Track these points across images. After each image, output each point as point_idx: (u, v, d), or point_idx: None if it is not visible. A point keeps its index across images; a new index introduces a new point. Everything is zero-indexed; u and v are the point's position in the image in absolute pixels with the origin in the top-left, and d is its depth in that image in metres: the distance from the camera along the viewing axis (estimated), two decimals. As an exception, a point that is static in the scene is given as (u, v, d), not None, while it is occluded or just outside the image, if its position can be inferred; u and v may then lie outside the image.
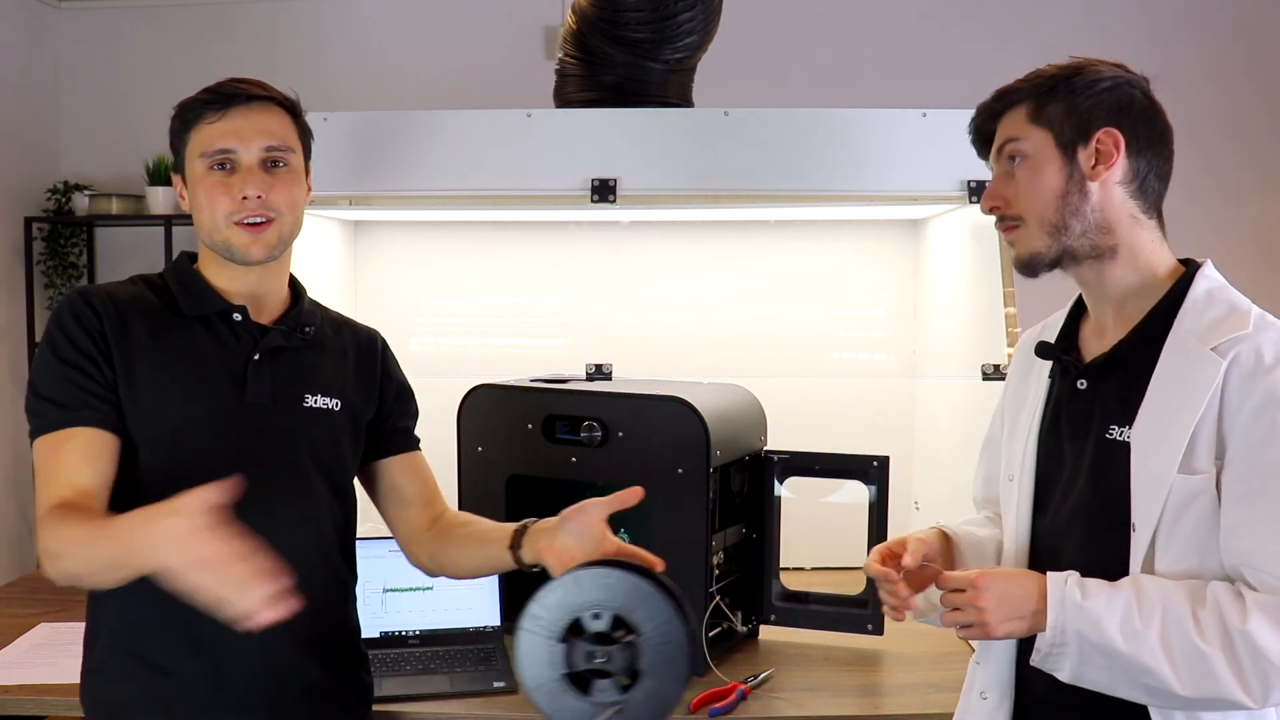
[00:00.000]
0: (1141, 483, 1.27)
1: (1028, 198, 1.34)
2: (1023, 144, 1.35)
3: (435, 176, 2.21)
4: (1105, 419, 1.33)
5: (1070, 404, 1.39)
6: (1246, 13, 4.44)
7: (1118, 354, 1.34)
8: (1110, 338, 1.37)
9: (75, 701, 1.81)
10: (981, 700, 1.45)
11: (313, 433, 1.51)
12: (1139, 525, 1.27)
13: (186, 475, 1.39)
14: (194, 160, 1.46)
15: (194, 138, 1.46)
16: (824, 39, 4.46)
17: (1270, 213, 4.46)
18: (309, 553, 1.50)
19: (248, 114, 1.46)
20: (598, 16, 2.34)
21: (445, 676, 1.94)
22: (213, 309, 1.48)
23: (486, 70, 4.43)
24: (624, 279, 2.76)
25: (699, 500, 1.97)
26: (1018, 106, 1.36)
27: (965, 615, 1.29)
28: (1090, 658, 1.24)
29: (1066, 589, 1.26)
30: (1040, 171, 1.34)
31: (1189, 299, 1.32)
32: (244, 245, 1.45)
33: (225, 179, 1.45)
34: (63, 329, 1.42)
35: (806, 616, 2.16)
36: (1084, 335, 1.43)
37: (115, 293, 1.46)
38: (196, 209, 1.47)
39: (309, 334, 1.53)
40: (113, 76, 4.64)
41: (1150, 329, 1.32)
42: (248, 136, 1.45)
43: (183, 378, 1.43)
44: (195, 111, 1.46)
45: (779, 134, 2.20)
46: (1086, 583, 1.27)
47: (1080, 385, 1.37)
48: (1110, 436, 1.32)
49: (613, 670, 1.25)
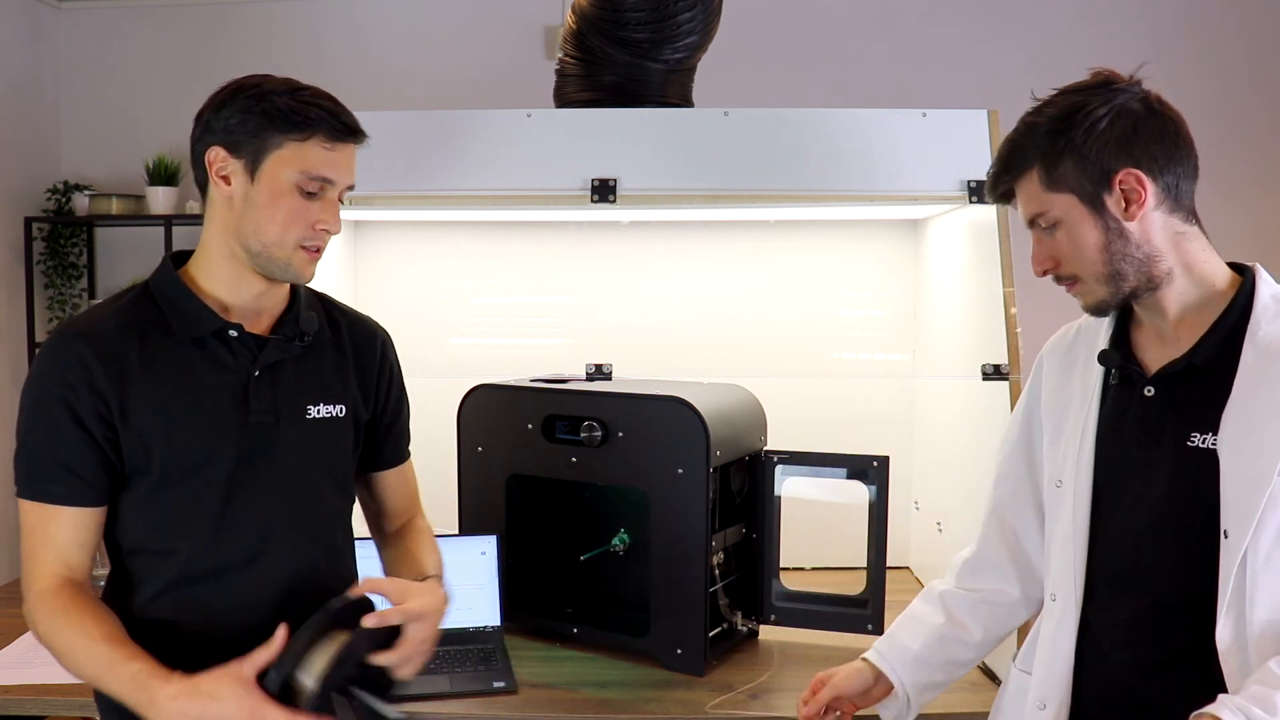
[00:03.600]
0: (1234, 489, 1.25)
1: (1074, 260, 1.34)
2: (1051, 213, 1.33)
3: (435, 176, 2.21)
4: (1184, 426, 1.31)
5: (1137, 411, 1.36)
6: (1246, 13, 4.44)
7: (1196, 362, 1.32)
8: (1175, 346, 1.34)
9: (75, 701, 1.83)
10: (1040, 711, 1.41)
11: (320, 444, 1.49)
12: (1232, 532, 1.24)
13: (195, 500, 1.41)
14: (284, 169, 1.39)
15: (295, 150, 1.38)
16: (824, 39, 4.46)
17: (1269, 211, 4.46)
18: (324, 562, 1.50)
19: (350, 151, 1.43)
20: (598, 16, 2.34)
21: (445, 676, 1.94)
22: (208, 329, 1.43)
23: (486, 70, 4.43)
24: (624, 279, 2.76)
25: (699, 500, 1.97)
26: (1028, 174, 1.34)
27: None
28: None
29: (1250, 711, 1.16)
30: (1077, 232, 1.32)
31: (1258, 305, 1.31)
32: (302, 266, 1.43)
33: (309, 204, 1.40)
34: (50, 387, 1.37)
35: (806, 616, 2.16)
36: (1140, 342, 1.40)
37: (100, 325, 1.40)
38: (262, 218, 1.39)
39: (307, 340, 1.49)
40: (113, 76, 4.64)
41: (1223, 337, 1.31)
42: (344, 174, 1.43)
43: (183, 404, 1.40)
44: (310, 126, 1.39)
45: (779, 134, 2.20)
46: (1254, 695, 1.17)
47: (1148, 392, 1.35)
48: (1193, 444, 1.30)
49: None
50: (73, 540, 1.38)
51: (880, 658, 1.56)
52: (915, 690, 1.55)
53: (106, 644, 1.31)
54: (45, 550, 1.37)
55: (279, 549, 1.44)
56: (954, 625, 1.56)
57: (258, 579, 1.43)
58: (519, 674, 1.96)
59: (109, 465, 1.39)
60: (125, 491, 1.41)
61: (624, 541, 2.16)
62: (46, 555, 1.37)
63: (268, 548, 1.44)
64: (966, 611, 1.57)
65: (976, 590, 1.58)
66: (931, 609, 1.59)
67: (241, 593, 1.42)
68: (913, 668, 1.55)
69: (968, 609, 1.57)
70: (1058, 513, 1.44)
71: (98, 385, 1.36)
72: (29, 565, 1.38)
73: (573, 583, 2.26)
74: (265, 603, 1.42)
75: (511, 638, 2.15)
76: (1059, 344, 1.52)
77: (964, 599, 1.58)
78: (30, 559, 1.38)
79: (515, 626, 2.20)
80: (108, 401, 1.37)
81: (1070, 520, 1.41)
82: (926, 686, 1.56)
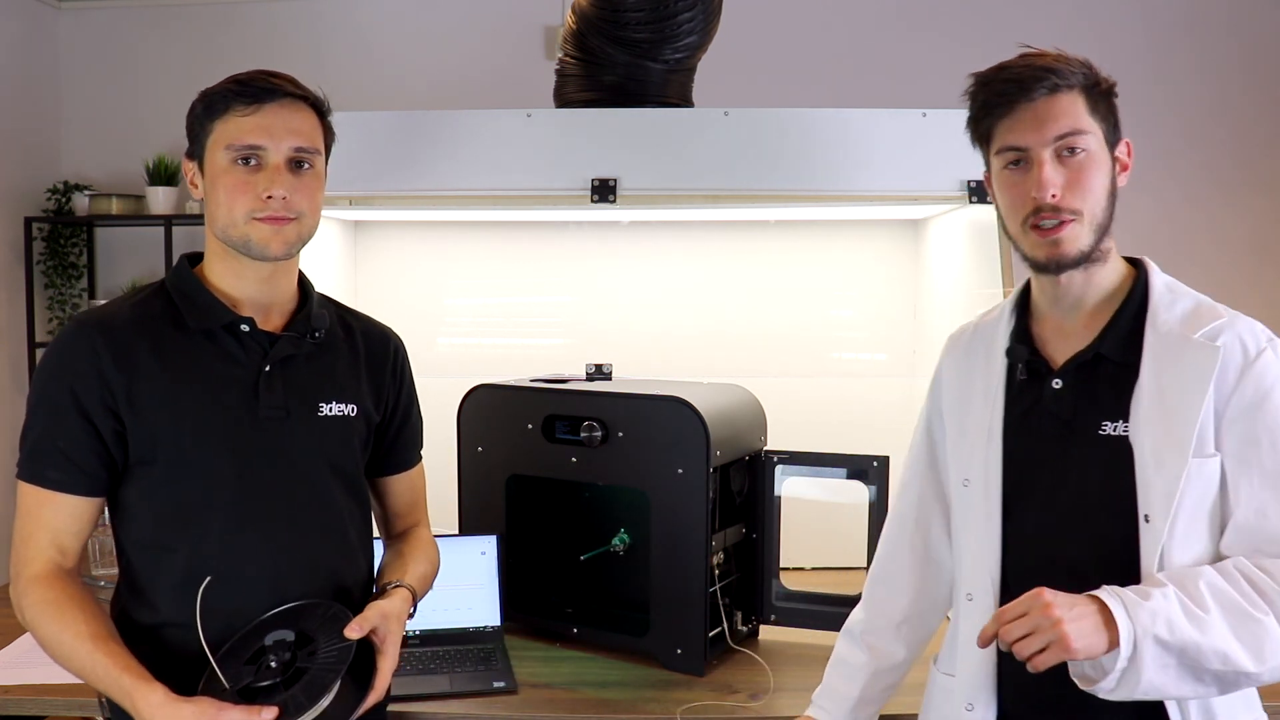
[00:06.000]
0: (1151, 473, 1.28)
1: (1090, 193, 1.31)
2: (1089, 138, 1.31)
3: (435, 176, 2.21)
4: (1095, 416, 1.34)
5: (1045, 404, 1.38)
6: (1245, 13, 4.44)
7: (1103, 351, 1.35)
8: (1078, 338, 1.37)
9: (75, 701, 1.82)
10: (969, 712, 1.43)
11: (330, 442, 1.49)
12: (1153, 516, 1.27)
13: (204, 494, 1.41)
14: (217, 151, 1.40)
15: (220, 128, 1.40)
16: (824, 39, 4.46)
17: (1267, 211, 4.46)
18: (336, 561, 1.50)
19: (279, 111, 1.40)
20: (598, 16, 2.34)
21: (445, 676, 1.94)
22: (219, 322, 1.43)
23: (486, 70, 4.43)
24: (624, 279, 2.76)
25: (699, 500, 1.97)
26: (1073, 91, 1.31)
27: (1041, 635, 1.17)
28: (1163, 660, 1.18)
29: (1124, 595, 1.20)
30: (1099, 169, 1.32)
31: (1154, 295, 1.35)
32: (264, 240, 1.41)
33: (249, 176, 1.39)
34: (58, 374, 1.38)
35: (806, 616, 2.16)
36: (1043, 336, 1.42)
37: (115, 317, 1.41)
38: (214, 202, 1.41)
39: (319, 338, 1.49)
40: (113, 76, 4.64)
41: (1127, 326, 1.35)
42: (278, 135, 1.40)
43: (194, 397, 1.40)
44: (225, 101, 1.40)
45: (779, 134, 2.20)
46: (1129, 588, 1.22)
47: (1056, 385, 1.37)
48: (1104, 433, 1.32)
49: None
50: (66, 527, 1.39)
51: (825, 713, 1.59)
52: None
53: (93, 643, 1.33)
54: (39, 534, 1.39)
55: (288, 545, 1.44)
56: (880, 658, 1.58)
57: (267, 574, 1.43)
58: (519, 674, 1.96)
59: (109, 457, 1.39)
60: (133, 485, 1.41)
61: (624, 541, 2.16)
62: (40, 539, 1.38)
63: (277, 543, 1.43)
64: (889, 639, 1.58)
65: (892, 610, 1.59)
66: (857, 650, 1.60)
67: (250, 589, 1.42)
68: (855, 710, 1.58)
69: (890, 636, 1.59)
70: (967, 512, 1.45)
71: (106, 375, 1.37)
72: (21, 548, 1.39)
73: (573, 583, 2.26)
74: (275, 598, 1.42)
75: (511, 638, 2.15)
76: (955, 344, 1.54)
77: (883, 629, 1.59)
78: (22, 541, 1.39)
79: (515, 626, 2.19)
80: (115, 391, 1.38)
81: (983, 518, 1.41)
82: (870, 717, 1.60)
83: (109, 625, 1.37)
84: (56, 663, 1.37)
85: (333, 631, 1.38)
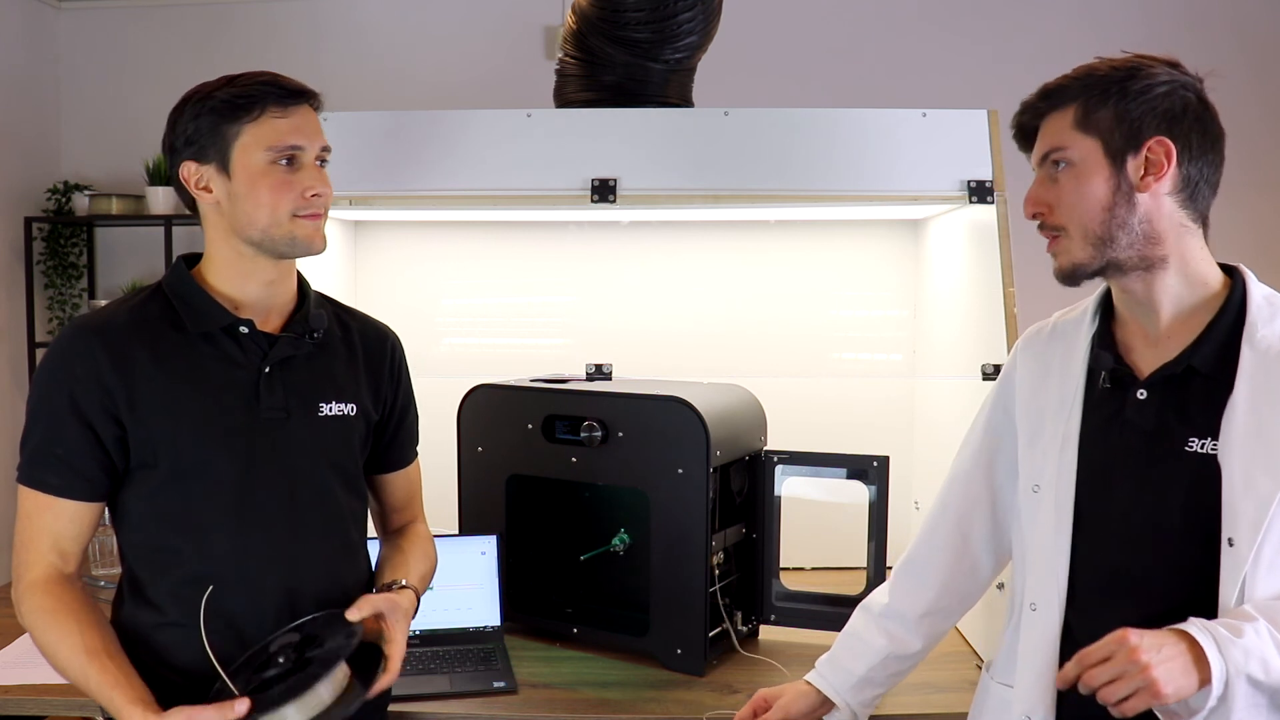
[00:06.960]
0: (1239, 496, 1.22)
1: (1072, 208, 1.30)
2: (1069, 152, 1.30)
3: (435, 176, 2.21)
4: (1182, 431, 1.28)
5: (1127, 414, 1.32)
6: (1246, 13, 4.45)
7: (1195, 364, 1.28)
8: (1167, 348, 1.31)
9: (75, 701, 1.82)
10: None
11: (330, 442, 1.49)
12: (1237, 541, 1.21)
13: (206, 496, 1.41)
14: (255, 153, 1.41)
15: (254, 130, 1.41)
16: (824, 39, 4.46)
17: (1267, 211, 4.46)
18: (338, 559, 1.50)
19: (307, 113, 1.46)
20: (598, 16, 2.34)
21: (445, 676, 1.94)
22: (219, 324, 1.44)
23: (486, 70, 4.43)
24: (624, 279, 2.76)
25: (699, 500, 1.97)
26: (1065, 108, 1.31)
27: (1129, 681, 1.12)
28: (1254, 699, 1.14)
29: (1215, 630, 1.14)
30: (1086, 181, 1.29)
31: (1252, 307, 1.29)
32: (308, 236, 1.44)
33: (290, 175, 1.42)
34: (57, 379, 1.38)
35: (806, 616, 2.16)
36: (1128, 343, 1.36)
37: (113, 320, 1.42)
38: (253, 203, 1.42)
39: (317, 338, 1.50)
40: (113, 76, 4.64)
41: (1220, 339, 1.28)
42: (311, 135, 1.45)
43: (194, 399, 1.40)
44: (257, 103, 1.41)
45: (779, 134, 2.20)
46: (1221, 622, 1.17)
47: (1140, 395, 1.31)
48: (1191, 449, 1.26)
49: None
50: (66, 532, 1.40)
51: (825, 682, 1.57)
52: (860, 707, 1.56)
53: (86, 656, 1.33)
54: (40, 538, 1.39)
55: (291, 545, 1.44)
56: (896, 645, 1.56)
57: (270, 575, 1.43)
58: (519, 674, 1.96)
59: (108, 462, 1.39)
60: (134, 488, 1.42)
61: (624, 541, 2.16)
62: (40, 543, 1.39)
63: (279, 544, 1.44)
64: (908, 629, 1.56)
65: (917, 601, 1.56)
66: (874, 631, 1.57)
67: (253, 590, 1.42)
68: (857, 689, 1.56)
69: (909, 626, 1.56)
70: (1035, 520, 1.39)
71: (105, 380, 1.37)
72: (21, 551, 1.40)
73: (573, 583, 2.26)
74: (278, 600, 1.43)
75: (511, 638, 2.15)
76: (1032, 344, 1.48)
77: (905, 617, 1.56)
78: (23, 545, 1.40)
79: (515, 626, 2.20)
80: (114, 396, 1.38)
81: (1052, 528, 1.36)
82: (871, 701, 1.57)
83: (105, 636, 1.36)
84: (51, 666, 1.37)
85: (338, 629, 1.38)
